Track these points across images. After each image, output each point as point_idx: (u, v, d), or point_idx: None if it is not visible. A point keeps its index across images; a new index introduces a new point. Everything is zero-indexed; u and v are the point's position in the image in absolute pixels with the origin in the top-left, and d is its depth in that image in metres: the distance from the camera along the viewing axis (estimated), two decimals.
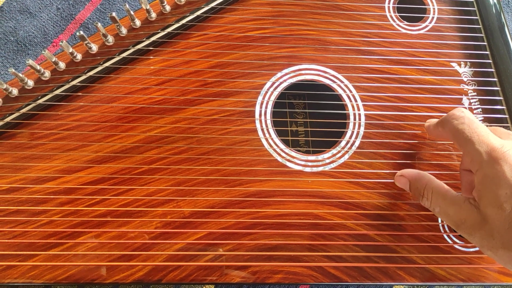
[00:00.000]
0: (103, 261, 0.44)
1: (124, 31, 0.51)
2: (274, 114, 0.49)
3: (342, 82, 0.51)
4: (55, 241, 0.44)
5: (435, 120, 0.45)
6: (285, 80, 0.50)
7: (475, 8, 0.54)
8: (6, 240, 0.44)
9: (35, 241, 0.44)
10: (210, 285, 0.55)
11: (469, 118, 0.40)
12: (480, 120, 0.50)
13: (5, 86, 0.47)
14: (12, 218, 0.44)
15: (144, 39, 0.51)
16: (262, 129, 0.48)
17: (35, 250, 0.43)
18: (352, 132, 0.49)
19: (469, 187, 0.43)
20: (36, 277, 0.43)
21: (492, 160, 0.36)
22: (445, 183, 0.42)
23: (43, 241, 0.44)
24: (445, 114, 0.43)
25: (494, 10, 0.54)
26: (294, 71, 0.51)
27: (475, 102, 0.51)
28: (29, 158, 0.46)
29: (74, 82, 0.49)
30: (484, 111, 0.51)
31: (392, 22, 0.54)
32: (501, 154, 0.36)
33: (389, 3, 0.54)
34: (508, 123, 0.50)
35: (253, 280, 0.44)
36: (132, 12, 0.50)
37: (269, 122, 0.49)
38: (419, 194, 0.43)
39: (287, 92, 0.52)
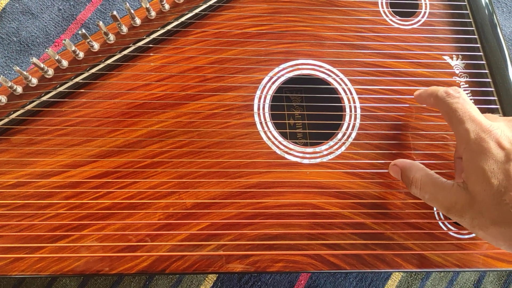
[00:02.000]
0: (108, 252, 0.45)
1: (124, 29, 0.52)
2: (272, 108, 0.51)
3: (337, 76, 0.52)
4: (62, 233, 0.45)
5: (426, 89, 0.47)
6: (282, 75, 0.52)
7: (466, 3, 0.56)
8: (14, 233, 0.45)
9: (41, 233, 0.45)
10: (212, 275, 0.57)
11: (463, 98, 0.42)
12: None
13: (9, 84, 0.48)
14: (19, 211, 0.45)
15: (144, 37, 0.52)
16: (261, 123, 0.50)
17: (42, 243, 0.45)
18: (348, 124, 0.50)
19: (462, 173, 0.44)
20: (42, 269, 0.44)
21: (479, 138, 0.38)
22: (439, 172, 0.43)
23: (50, 233, 0.45)
24: (440, 88, 0.44)
25: (484, 5, 0.56)
26: (291, 66, 0.52)
27: (467, 94, 0.52)
28: (35, 154, 0.48)
29: (77, 79, 0.50)
30: (476, 102, 0.52)
31: (385, 17, 0.55)
32: (488, 132, 0.38)
33: None
34: (499, 114, 0.51)
35: (254, 269, 0.45)
36: (132, 11, 0.51)
37: (267, 115, 0.50)
38: (408, 182, 0.44)
39: (284, 86, 0.53)
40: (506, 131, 0.38)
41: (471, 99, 0.52)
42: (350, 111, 0.51)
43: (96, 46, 0.52)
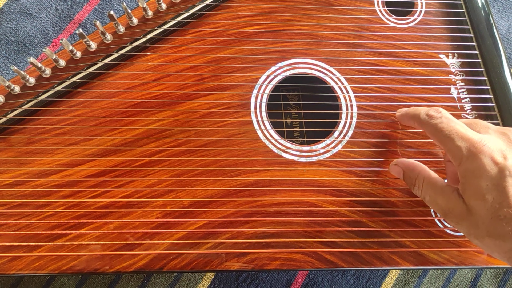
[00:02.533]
0: (105, 250, 0.45)
1: (122, 29, 0.52)
2: (269, 107, 0.51)
3: (334, 74, 0.52)
4: (59, 232, 0.45)
5: (406, 110, 0.47)
6: (279, 74, 0.52)
7: (461, 2, 0.56)
8: (11, 232, 0.45)
9: (39, 232, 0.45)
10: (210, 273, 0.57)
11: (446, 117, 0.41)
12: (468, 109, 0.52)
13: (7, 83, 0.48)
14: (17, 210, 0.46)
15: (141, 36, 0.52)
16: (258, 121, 0.50)
17: (40, 241, 0.45)
18: (345, 123, 0.51)
19: (454, 177, 0.44)
20: (40, 267, 0.44)
21: (472, 155, 0.38)
22: (434, 170, 0.44)
23: (48, 232, 0.45)
24: (422, 110, 0.44)
25: (480, 4, 0.56)
26: (287, 65, 0.52)
27: (463, 92, 0.53)
28: (32, 153, 0.48)
29: (74, 79, 0.50)
30: (472, 100, 0.52)
31: (381, 16, 0.56)
32: (480, 148, 0.37)
33: None
34: (495, 111, 0.52)
35: (251, 267, 0.45)
36: (129, 11, 0.52)
37: (264, 114, 0.50)
38: (411, 183, 0.44)
39: (281, 85, 0.53)
40: (499, 144, 0.38)
41: (467, 97, 0.52)
42: (347, 109, 0.51)
43: (94, 45, 0.52)
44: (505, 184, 0.36)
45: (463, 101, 0.52)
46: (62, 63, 0.51)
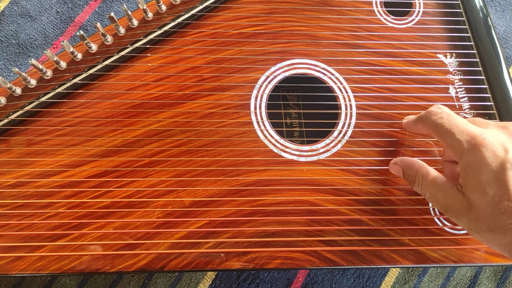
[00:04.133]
0: (107, 250, 0.45)
1: (122, 30, 0.53)
2: (269, 107, 0.51)
3: (333, 74, 0.53)
4: (61, 232, 0.45)
5: (412, 117, 0.47)
6: (278, 74, 0.52)
7: (459, 2, 0.57)
8: (14, 233, 0.45)
9: (41, 232, 0.45)
10: (211, 272, 0.57)
11: (446, 112, 0.42)
12: (467, 108, 0.52)
13: (9, 85, 0.49)
14: (19, 211, 0.46)
15: (142, 38, 0.53)
16: (258, 122, 0.50)
17: (42, 242, 0.45)
18: (344, 123, 0.51)
19: (452, 176, 0.45)
20: (42, 267, 0.44)
21: (473, 148, 0.38)
22: (436, 169, 0.44)
23: (50, 232, 0.45)
24: (426, 109, 0.44)
25: (477, 3, 0.56)
26: (287, 66, 0.53)
27: (461, 91, 0.53)
28: (34, 154, 0.48)
29: (75, 80, 0.50)
30: (471, 99, 0.53)
31: (379, 16, 0.56)
32: (481, 141, 0.38)
33: None
34: (493, 110, 0.52)
35: (252, 266, 0.46)
36: (129, 12, 0.52)
37: (264, 114, 0.51)
38: (411, 181, 0.45)
39: (280, 85, 0.54)
40: (499, 137, 0.38)
41: (465, 97, 0.53)
42: (346, 109, 0.51)
43: (94, 47, 0.52)
44: (506, 177, 0.36)
45: (461, 100, 0.53)
46: (63, 64, 0.51)
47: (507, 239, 0.36)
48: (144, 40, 0.52)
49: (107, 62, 0.51)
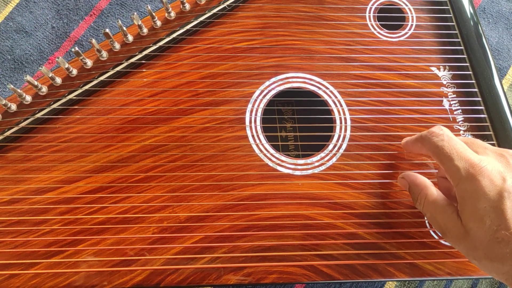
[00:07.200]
0: (103, 267, 0.45)
1: (117, 46, 0.53)
2: (264, 121, 0.51)
3: (327, 88, 0.53)
4: (56, 249, 0.45)
5: (411, 137, 0.47)
6: (273, 88, 0.53)
7: (451, 15, 0.57)
8: (9, 250, 0.45)
9: (36, 249, 0.45)
10: (207, 287, 0.57)
11: (448, 135, 0.42)
12: (461, 121, 0.53)
13: (4, 101, 0.49)
14: (14, 228, 0.46)
15: (137, 53, 0.53)
16: (253, 136, 0.50)
17: (37, 259, 0.45)
18: (339, 136, 0.51)
19: (447, 192, 0.44)
20: (38, 285, 0.44)
21: (470, 176, 0.38)
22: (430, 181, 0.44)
23: (45, 249, 0.45)
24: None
25: (469, 16, 0.57)
26: (281, 79, 0.53)
27: (455, 103, 0.53)
28: (29, 170, 0.48)
29: (70, 96, 0.51)
30: (464, 111, 0.53)
31: (373, 30, 0.56)
32: (478, 169, 0.38)
33: (369, 13, 0.57)
34: (487, 122, 0.52)
35: (248, 281, 0.45)
36: (124, 28, 0.52)
37: (259, 128, 0.51)
38: (415, 198, 0.45)
39: (275, 99, 0.54)
40: (497, 166, 0.38)
41: (459, 109, 0.53)
42: (340, 122, 0.52)
43: (89, 63, 0.52)
44: (503, 206, 0.36)
45: (455, 112, 0.53)
46: (58, 80, 0.51)
47: (505, 267, 0.36)
48: (139, 56, 0.53)
49: (102, 78, 0.52)
